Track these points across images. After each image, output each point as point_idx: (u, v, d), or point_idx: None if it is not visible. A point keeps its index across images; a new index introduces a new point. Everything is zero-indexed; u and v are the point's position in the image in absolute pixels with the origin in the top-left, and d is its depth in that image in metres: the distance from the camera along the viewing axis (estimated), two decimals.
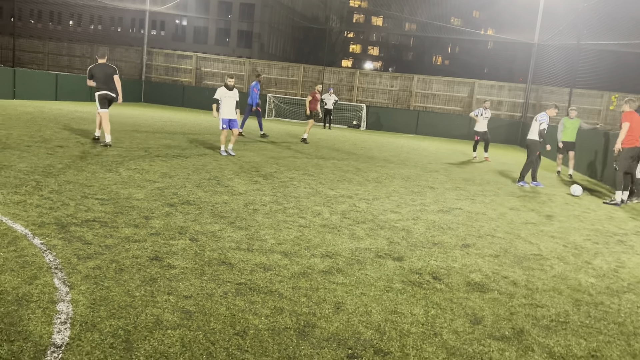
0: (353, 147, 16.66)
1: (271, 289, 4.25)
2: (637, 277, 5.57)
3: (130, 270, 4.33)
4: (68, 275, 4.11)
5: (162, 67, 32.59)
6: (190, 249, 5.02)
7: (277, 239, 5.63)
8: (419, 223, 7.03)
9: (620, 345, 3.85)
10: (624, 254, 6.48)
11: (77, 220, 5.59)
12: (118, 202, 6.51)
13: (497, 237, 6.68)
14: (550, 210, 8.93)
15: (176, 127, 17.20)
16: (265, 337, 3.45)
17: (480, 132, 16.47)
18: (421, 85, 29.79)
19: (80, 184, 7.33)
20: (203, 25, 70.86)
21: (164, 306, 3.74)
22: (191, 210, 6.48)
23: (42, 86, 24.09)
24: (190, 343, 3.28)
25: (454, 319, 4.01)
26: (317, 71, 30.85)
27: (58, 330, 3.26)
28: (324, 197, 8.13)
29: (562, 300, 4.65)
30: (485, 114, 16.36)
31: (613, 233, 7.61)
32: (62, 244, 4.81)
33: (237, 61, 32.26)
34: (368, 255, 5.40)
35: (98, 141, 11.62)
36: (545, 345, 3.73)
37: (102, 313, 3.54)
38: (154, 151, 11.14)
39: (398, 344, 3.53)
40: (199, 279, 4.31)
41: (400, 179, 10.88)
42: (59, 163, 8.69)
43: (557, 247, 6.50)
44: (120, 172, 8.44)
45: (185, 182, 8.18)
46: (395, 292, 4.43)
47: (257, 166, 10.59)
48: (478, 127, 16.46)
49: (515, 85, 29.59)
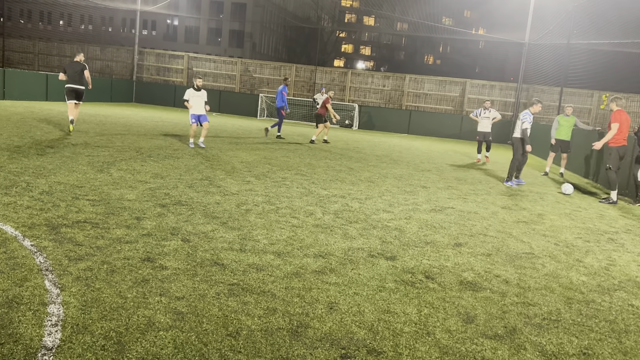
0: (345, 147, 16.67)
1: (264, 289, 4.24)
2: (628, 275, 5.60)
3: (121, 272, 4.30)
4: (59, 277, 4.08)
5: (154, 67, 32.46)
6: (183, 250, 5.00)
7: (270, 239, 5.62)
8: (412, 222, 7.04)
9: (612, 343, 3.87)
10: (615, 252, 6.52)
11: (68, 221, 5.55)
12: (109, 203, 6.47)
13: (489, 236, 6.70)
14: (542, 209, 8.97)
15: (168, 128, 17.13)
16: (258, 337, 3.44)
17: (482, 133, 16.09)
18: (413, 85, 29.85)
19: (71, 184, 7.28)
20: (194, 25, 70.65)
21: (156, 307, 3.72)
22: (183, 211, 6.45)
23: (32, 86, 23.91)
24: (182, 344, 3.26)
25: (446, 318, 4.02)
26: (309, 71, 30.83)
27: (49, 332, 3.24)
28: (316, 197, 8.12)
29: (554, 298, 4.67)
30: (485, 113, 16.06)
31: (604, 231, 7.66)
32: (53, 245, 4.77)
33: (228, 61, 32.18)
34: (361, 254, 5.40)
35: (72, 123, 13.09)
36: (537, 343, 3.74)
37: (94, 315, 3.52)
38: (145, 152, 11.08)
39: (391, 344, 3.53)
40: (191, 279, 4.30)
41: (392, 178, 10.90)
42: (50, 164, 8.63)
43: (549, 245, 6.53)
44: (111, 173, 8.40)
45: (177, 183, 8.15)
46: (388, 292, 4.44)
47: (249, 166, 10.57)
48: (480, 127, 16.15)
49: (506, 85, 29.71)
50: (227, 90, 31.25)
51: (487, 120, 16.02)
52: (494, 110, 16.22)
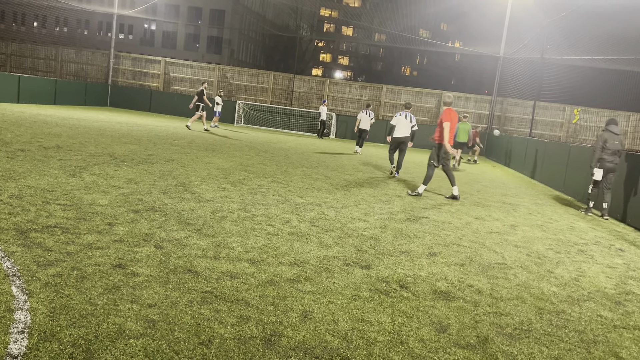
0: (322, 156, 16.70)
1: (237, 297, 4.20)
2: (597, 286, 5.71)
3: (92, 278, 4.22)
4: (27, 282, 3.98)
5: (130, 71, 32.11)
6: (155, 257, 4.93)
7: (245, 247, 5.58)
8: (387, 231, 7.07)
9: (581, 353, 3.93)
10: (585, 263, 6.64)
11: (37, 226, 5.43)
12: (81, 208, 6.35)
13: (463, 246, 6.77)
14: (514, 220, 9.10)
15: (143, 132, 16.93)
16: (231, 346, 3.40)
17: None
18: (390, 95, 30.11)
19: (41, 189, 7.13)
20: (172, 30, 70.19)
21: (126, 315, 3.65)
22: (157, 217, 6.36)
23: (3, 88, 23.42)
24: (153, 353, 3.20)
25: (420, 327, 4.03)
26: (287, 79, 30.87)
27: (15, 339, 3.15)
28: (292, 205, 8.10)
29: (525, 308, 4.73)
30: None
31: (574, 243, 7.80)
32: (21, 250, 4.65)
33: (206, 67, 32.03)
34: (336, 263, 5.39)
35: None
36: (509, 353, 3.78)
37: (62, 322, 3.43)
38: (119, 156, 10.93)
39: (365, 353, 3.52)
40: (164, 287, 4.23)
41: (368, 187, 10.94)
42: (20, 167, 8.44)
43: (521, 256, 6.62)
44: (84, 177, 8.25)
45: (151, 188, 8.05)
46: (362, 301, 4.44)
47: (225, 173, 10.50)
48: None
49: (481, 97, 30.19)
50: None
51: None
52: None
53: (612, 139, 10.32)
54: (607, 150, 10.34)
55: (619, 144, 10.37)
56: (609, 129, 10.44)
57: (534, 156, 17.99)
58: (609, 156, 10.34)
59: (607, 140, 10.32)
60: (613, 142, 10.32)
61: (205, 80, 27.63)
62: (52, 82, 26.98)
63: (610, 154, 10.34)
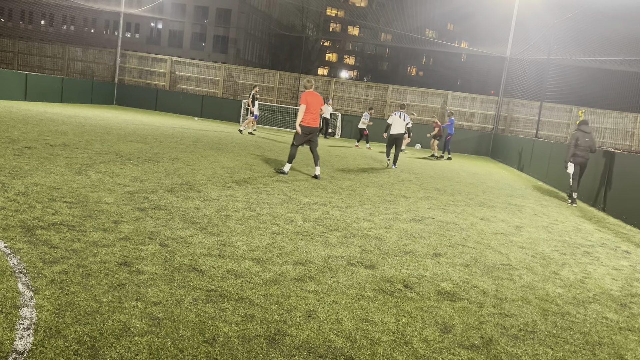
0: (327, 155, 16.70)
1: (242, 296, 4.21)
2: (603, 287, 5.69)
3: (97, 276, 4.24)
4: (33, 279, 4.00)
5: (136, 70, 32.20)
6: (160, 255, 4.94)
7: (249, 246, 5.59)
8: (392, 231, 7.07)
9: (586, 355, 3.92)
10: (590, 265, 6.62)
11: (43, 223, 5.46)
12: (87, 206, 6.38)
13: (468, 247, 6.75)
14: (520, 221, 9.08)
15: (149, 131, 16.98)
16: (235, 344, 3.41)
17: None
18: (395, 96, 30.08)
19: (48, 186, 7.16)
20: (178, 29, 70.33)
21: (131, 312, 3.67)
22: (162, 215, 6.38)
23: (11, 86, 23.54)
24: (158, 350, 3.21)
25: (424, 328, 4.03)
26: (293, 78, 30.89)
27: (20, 336, 3.17)
28: (297, 205, 8.11)
29: (530, 310, 4.71)
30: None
31: (580, 244, 7.77)
32: (28, 247, 4.68)
33: (212, 66, 32.07)
34: (340, 263, 5.39)
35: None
36: (513, 354, 3.77)
37: (67, 319, 3.45)
38: (125, 155, 10.97)
39: (369, 352, 3.52)
40: (169, 285, 4.25)
41: (373, 187, 10.94)
42: (27, 164, 8.49)
43: (526, 257, 6.61)
44: (89, 175, 8.28)
45: (157, 187, 8.07)
46: (366, 300, 4.44)
47: (230, 172, 10.52)
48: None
49: (487, 98, 30.11)
50: (210, 95, 31.13)
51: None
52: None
53: (583, 137, 11.79)
54: (579, 147, 11.80)
55: (590, 140, 11.76)
56: (580, 128, 11.93)
57: (539, 157, 17.94)
58: (581, 152, 11.80)
59: (578, 138, 11.81)
60: (584, 140, 11.77)
61: (257, 84, 27.60)
62: (59, 80, 27.09)
63: (582, 149, 11.79)
